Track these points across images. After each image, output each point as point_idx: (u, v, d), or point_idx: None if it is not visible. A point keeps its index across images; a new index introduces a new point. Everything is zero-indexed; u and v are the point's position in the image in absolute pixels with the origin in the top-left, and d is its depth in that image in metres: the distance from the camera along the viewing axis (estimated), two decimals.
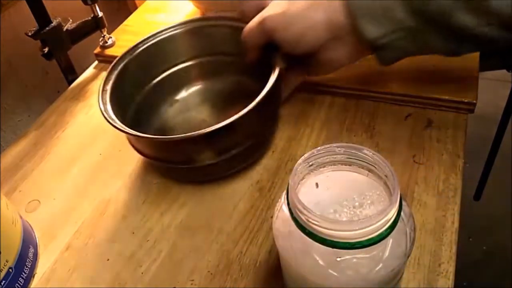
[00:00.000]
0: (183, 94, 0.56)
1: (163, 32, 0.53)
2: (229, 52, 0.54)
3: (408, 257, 0.29)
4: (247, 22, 0.48)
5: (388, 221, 0.26)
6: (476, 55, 0.56)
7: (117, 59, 0.50)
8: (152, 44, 0.52)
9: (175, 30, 0.53)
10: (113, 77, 0.49)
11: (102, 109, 0.45)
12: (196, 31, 0.54)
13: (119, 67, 0.50)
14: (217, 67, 0.55)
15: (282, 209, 0.31)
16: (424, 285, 0.37)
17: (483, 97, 0.59)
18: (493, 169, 1.15)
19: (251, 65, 0.50)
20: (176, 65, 0.55)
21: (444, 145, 0.48)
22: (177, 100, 0.56)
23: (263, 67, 0.46)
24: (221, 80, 0.56)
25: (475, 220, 1.24)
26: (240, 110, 0.40)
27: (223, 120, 0.40)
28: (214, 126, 0.40)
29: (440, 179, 0.44)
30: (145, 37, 0.52)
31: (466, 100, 0.50)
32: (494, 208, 1.27)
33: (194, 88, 0.56)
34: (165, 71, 0.55)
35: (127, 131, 0.42)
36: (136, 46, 0.52)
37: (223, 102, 0.55)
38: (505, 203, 1.25)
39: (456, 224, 0.41)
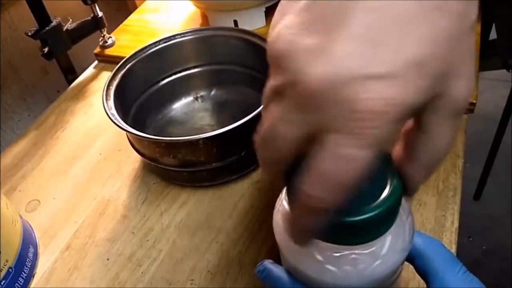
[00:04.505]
0: (186, 100, 0.56)
1: (173, 38, 0.53)
2: (236, 62, 0.54)
3: (407, 253, 0.29)
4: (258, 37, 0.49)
5: None
6: (476, 55, 0.56)
7: (124, 59, 0.50)
8: (161, 48, 0.52)
9: (185, 36, 0.53)
10: (118, 76, 0.49)
11: (106, 106, 0.45)
12: (205, 40, 0.54)
13: (126, 67, 0.50)
14: (223, 76, 0.56)
15: (282, 204, 0.31)
16: (424, 285, 0.37)
17: (483, 97, 0.59)
18: (493, 169, 1.15)
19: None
20: (182, 71, 0.55)
21: None
22: (180, 106, 0.56)
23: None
24: (225, 89, 0.56)
25: (475, 220, 1.24)
26: (241, 119, 0.41)
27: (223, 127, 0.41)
28: (215, 131, 0.40)
29: (440, 179, 0.44)
30: (155, 40, 0.52)
31: None
32: (494, 208, 1.27)
33: (198, 95, 0.57)
34: (171, 75, 0.55)
35: (130, 130, 0.42)
36: (145, 48, 0.52)
37: (225, 111, 0.55)
38: (505, 203, 1.25)
39: (456, 224, 0.41)
